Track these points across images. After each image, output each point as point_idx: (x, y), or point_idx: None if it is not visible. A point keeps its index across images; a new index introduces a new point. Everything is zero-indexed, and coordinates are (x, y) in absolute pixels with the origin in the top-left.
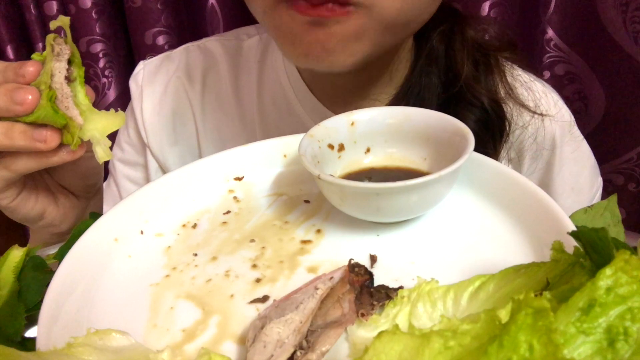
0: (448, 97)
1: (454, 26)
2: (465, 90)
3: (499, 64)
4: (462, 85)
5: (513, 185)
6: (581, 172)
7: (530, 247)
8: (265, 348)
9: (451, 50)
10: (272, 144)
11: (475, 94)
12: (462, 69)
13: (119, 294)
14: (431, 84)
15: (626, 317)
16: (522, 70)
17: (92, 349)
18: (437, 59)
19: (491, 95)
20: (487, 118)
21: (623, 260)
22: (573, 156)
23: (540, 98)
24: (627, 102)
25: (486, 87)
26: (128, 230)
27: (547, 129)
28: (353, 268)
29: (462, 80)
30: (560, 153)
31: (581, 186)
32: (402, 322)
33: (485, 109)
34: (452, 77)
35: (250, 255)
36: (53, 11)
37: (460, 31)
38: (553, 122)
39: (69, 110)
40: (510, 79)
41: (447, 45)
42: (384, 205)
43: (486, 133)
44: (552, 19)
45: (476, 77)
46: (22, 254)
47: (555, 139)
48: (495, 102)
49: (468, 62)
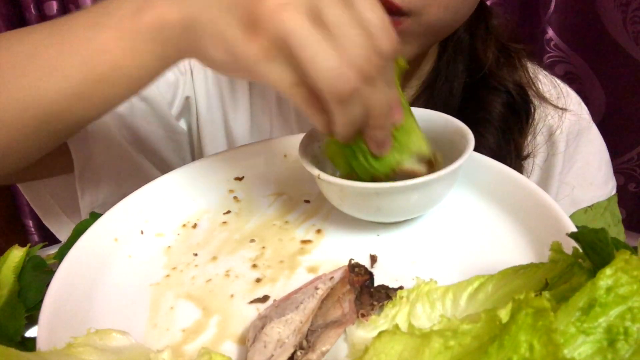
0: (474, 83)
1: (479, 17)
2: (490, 77)
3: (518, 55)
4: (486, 72)
5: (513, 185)
6: (600, 166)
7: (531, 247)
8: (266, 348)
9: (476, 39)
10: (272, 144)
11: (499, 80)
12: (487, 57)
13: (119, 294)
14: (457, 72)
15: (626, 317)
16: (542, 68)
17: (92, 349)
18: (463, 48)
19: (515, 82)
20: (512, 101)
21: (623, 260)
22: (593, 150)
23: (561, 93)
24: (627, 102)
25: (510, 74)
26: (128, 230)
27: (567, 122)
28: (353, 268)
29: (487, 68)
30: (579, 146)
31: (599, 181)
32: (401, 322)
33: (510, 93)
34: (477, 65)
35: (250, 255)
36: (53, 11)
37: (485, 20)
38: (572, 116)
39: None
40: (532, 72)
41: (472, 34)
42: (384, 205)
43: (513, 116)
44: (552, 19)
45: (500, 64)
46: (22, 254)
47: (576, 131)
48: (519, 86)
49: (492, 50)
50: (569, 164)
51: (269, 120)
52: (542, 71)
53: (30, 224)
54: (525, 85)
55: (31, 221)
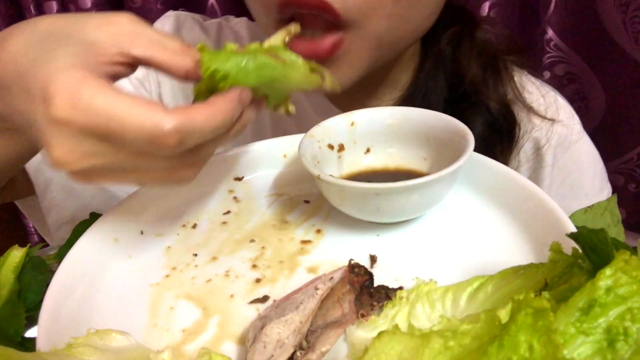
0: (454, 99)
1: (463, 29)
2: (471, 93)
3: (507, 67)
4: (468, 88)
5: (513, 185)
6: (594, 176)
7: (530, 248)
8: (265, 348)
9: (459, 53)
10: (272, 144)
11: (481, 97)
12: (469, 72)
13: (119, 294)
14: (437, 87)
15: (626, 318)
16: (532, 75)
17: (92, 349)
18: (445, 61)
19: (499, 99)
20: (494, 121)
21: (623, 261)
22: (585, 161)
23: (549, 103)
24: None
25: (494, 90)
26: (128, 230)
27: (557, 133)
28: (353, 268)
29: (468, 83)
30: (571, 157)
31: (594, 191)
32: (401, 322)
33: (491, 112)
34: (458, 80)
35: (250, 256)
36: (53, 11)
37: (470, 33)
38: (562, 126)
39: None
40: (518, 83)
41: (455, 48)
42: (384, 206)
43: (493, 136)
44: (552, 19)
45: (484, 80)
46: (22, 254)
47: (566, 143)
48: (503, 105)
49: (475, 65)
50: (560, 177)
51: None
52: (530, 80)
53: (30, 224)
54: (511, 102)
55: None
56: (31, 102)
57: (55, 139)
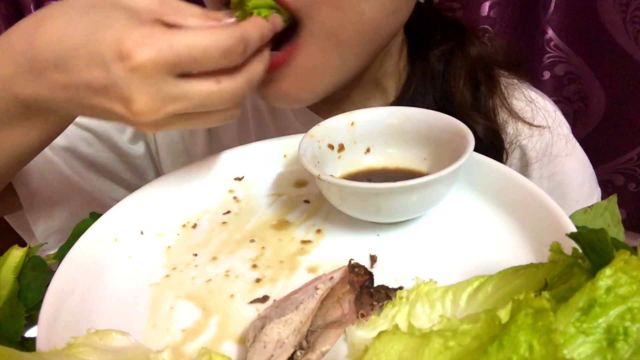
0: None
1: (455, 45)
2: (460, 114)
3: (500, 83)
4: (456, 111)
5: (513, 185)
6: (583, 182)
7: (531, 248)
8: (265, 348)
9: (449, 73)
10: (272, 144)
11: (469, 122)
12: (457, 94)
13: (119, 294)
14: (424, 104)
15: (626, 317)
16: (522, 82)
17: (92, 349)
18: (434, 78)
19: (488, 123)
20: (481, 146)
21: (623, 261)
22: (574, 167)
23: (537, 110)
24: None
25: (485, 110)
26: (128, 230)
27: (545, 140)
28: (353, 268)
29: (456, 107)
30: (559, 165)
31: (584, 197)
32: (401, 322)
33: (479, 137)
34: (447, 102)
35: (250, 255)
36: None
37: (462, 50)
38: (550, 133)
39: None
40: (505, 91)
41: (446, 66)
42: (384, 206)
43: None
44: (552, 19)
45: (474, 103)
46: (22, 254)
47: (555, 151)
48: (492, 130)
49: (465, 87)
50: (549, 185)
51: (230, 139)
52: (518, 87)
53: None
54: (505, 122)
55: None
56: (100, 65)
57: (137, 90)
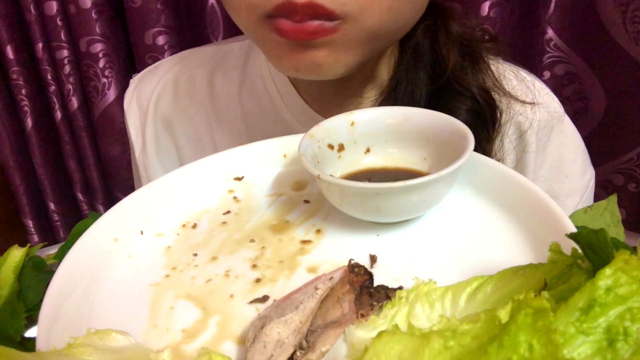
0: (437, 89)
1: (437, 20)
2: (453, 82)
3: (482, 56)
4: (450, 77)
5: (513, 185)
6: (575, 158)
7: (530, 248)
8: (265, 348)
9: (436, 44)
10: (272, 144)
11: (463, 84)
12: (449, 61)
13: (119, 294)
14: (418, 79)
15: (626, 317)
16: (506, 62)
17: (92, 349)
18: (423, 53)
19: (479, 85)
20: (478, 107)
21: (623, 261)
22: (566, 142)
23: (528, 87)
24: (627, 102)
25: (474, 77)
26: (128, 230)
27: (537, 117)
28: (353, 268)
29: (450, 72)
30: (554, 140)
31: (576, 173)
32: (400, 322)
33: (475, 98)
34: (439, 70)
35: (250, 255)
36: (53, 11)
37: (444, 25)
38: (542, 109)
39: None
40: (495, 70)
41: (432, 39)
42: (384, 205)
43: (479, 122)
44: (552, 19)
45: (463, 68)
46: (22, 254)
47: (548, 126)
48: (484, 90)
49: (454, 54)
50: (541, 158)
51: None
52: (506, 66)
53: (30, 224)
54: (491, 88)
55: (31, 221)
56: None
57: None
